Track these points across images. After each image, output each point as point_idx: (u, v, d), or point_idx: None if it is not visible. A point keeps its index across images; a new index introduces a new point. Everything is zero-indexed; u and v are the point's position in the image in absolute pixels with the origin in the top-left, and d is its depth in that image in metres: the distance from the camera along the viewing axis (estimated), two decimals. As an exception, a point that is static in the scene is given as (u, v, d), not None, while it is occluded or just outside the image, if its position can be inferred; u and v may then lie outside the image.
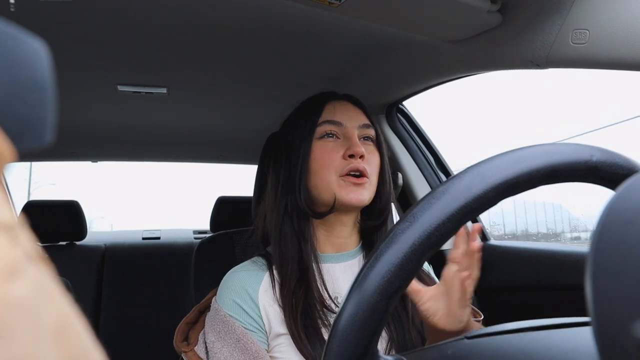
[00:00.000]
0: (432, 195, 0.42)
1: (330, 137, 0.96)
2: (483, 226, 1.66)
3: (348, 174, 0.93)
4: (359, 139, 0.97)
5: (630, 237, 0.25)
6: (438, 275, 1.13)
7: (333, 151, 0.94)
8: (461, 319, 0.76)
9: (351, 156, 0.93)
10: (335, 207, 0.93)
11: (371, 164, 0.96)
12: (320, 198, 0.94)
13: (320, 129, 0.96)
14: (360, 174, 0.93)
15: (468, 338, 0.44)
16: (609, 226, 0.27)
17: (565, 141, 0.46)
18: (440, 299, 0.77)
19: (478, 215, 0.45)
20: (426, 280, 0.99)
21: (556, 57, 0.94)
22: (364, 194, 0.93)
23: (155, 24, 1.09)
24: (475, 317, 1.01)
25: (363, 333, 0.40)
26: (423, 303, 0.77)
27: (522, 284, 1.44)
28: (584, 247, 1.35)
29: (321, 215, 0.95)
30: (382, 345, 0.90)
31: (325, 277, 0.94)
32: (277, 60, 1.33)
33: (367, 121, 1.00)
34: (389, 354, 0.88)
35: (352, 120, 0.98)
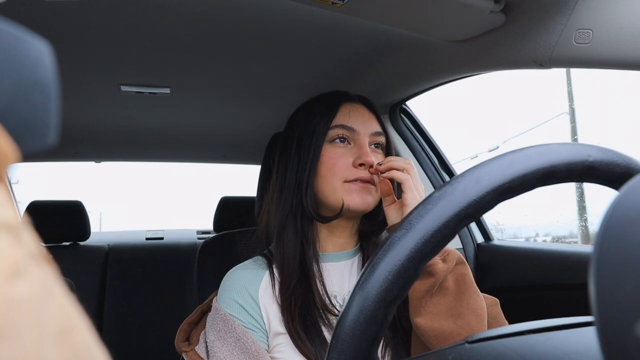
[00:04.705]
0: (428, 201, 0.42)
1: (342, 141, 0.95)
2: (486, 226, 1.66)
3: (354, 181, 0.92)
4: (369, 146, 0.95)
5: (634, 237, 0.25)
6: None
7: (343, 157, 0.93)
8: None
9: (361, 165, 0.92)
10: (342, 213, 0.92)
11: None
12: (326, 202, 0.93)
13: (333, 132, 0.95)
14: (366, 182, 0.93)
15: (469, 343, 0.44)
16: (612, 226, 0.27)
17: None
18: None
19: (474, 220, 0.45)
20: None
21: (559, 57, 0.94)
22: (369, 198, 0.92)
23: (158, 24, 1.09)
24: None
25: (362, 342, 0.40)
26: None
27: (525, 283, 1.43)
28: (587, 247, 1.35)
29: (327, 220, 0.94)
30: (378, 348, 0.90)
31: (325, 276, 0.94)
32: (280, 61, 1.33)
33: (379, 128, 0.98)
34: (385, 358, 0.89)
35: (366, 127, 0.96)
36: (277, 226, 0.95)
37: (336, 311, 0.90)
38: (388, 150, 1.00)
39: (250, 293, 0.90)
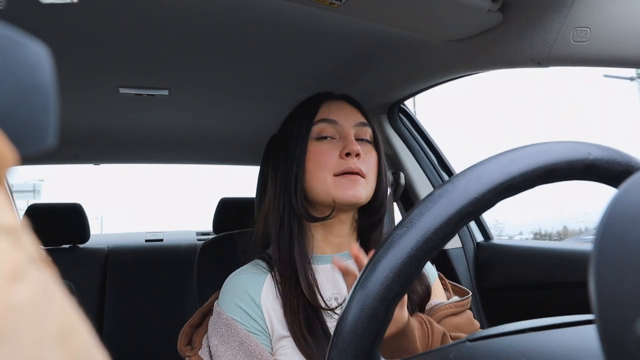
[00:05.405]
0: (429, 199, 0.42)
1: (327, 138, 0.96)
2: (486, 225, 1.66)
3: (343, 174, 0.92)
4: (356, 139, 0.96)
5: (633, 234, 0.25)
6: (443, 273, 1.12)
7: (329, 152, 0.94)
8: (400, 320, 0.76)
9: (348, 155, 0.93)
10: (335, 209, 0.93)
11: (368, 163, 0.96)
12: (318, 199, 0.94)
13: (316, 128, 0.96)
14: (355, 174, 0.93)
15: (470, 341, 0.44)
16: (612, 224, 0.27)
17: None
18: None
19: (475, 218, 0.45)
20: (423, 281, 0.99)
21: (557, 56, 0.94)
22: (360, 190, 0.92)
23: (156, 25, 1.09)
24: (462, 295, 1.00)
25: (363, 340, 0.40)
26: None
27: (525, 282, 1.43)
28: (587, 245, 1.35)
29: (316, 220, 0.95)
30: None
31: (323, 278, 0.94)
32: (279, 61, 1.33)
33: (363, 119, 0.99)
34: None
35: (348, 119, 0.97)
36: (273, 229, 0.96)
37: (337, 313, 0.90)
38: (376, 142, 1.01)
39: (252, 297, 0.90)
